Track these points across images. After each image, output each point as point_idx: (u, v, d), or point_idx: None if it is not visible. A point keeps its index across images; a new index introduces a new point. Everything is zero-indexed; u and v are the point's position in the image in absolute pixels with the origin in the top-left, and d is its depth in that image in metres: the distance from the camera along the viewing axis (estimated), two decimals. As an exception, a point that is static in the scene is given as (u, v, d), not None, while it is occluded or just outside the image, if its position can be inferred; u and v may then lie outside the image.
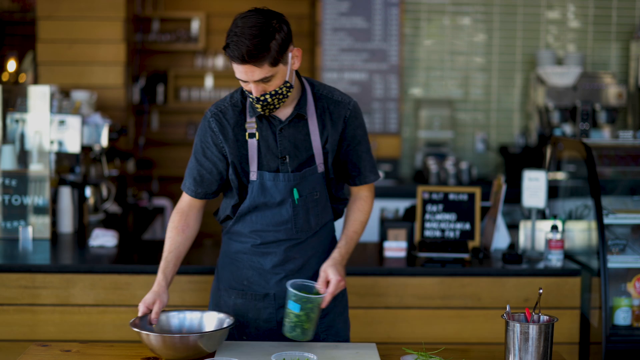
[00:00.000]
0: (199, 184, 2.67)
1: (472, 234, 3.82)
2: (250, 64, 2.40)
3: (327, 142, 2.64)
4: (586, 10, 6.65)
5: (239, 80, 2.49)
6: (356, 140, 2.70)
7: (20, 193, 4.09)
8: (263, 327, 2.71)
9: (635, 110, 6.22)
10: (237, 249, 2.71)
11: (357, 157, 2.72)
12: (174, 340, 2.32)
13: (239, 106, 2.62)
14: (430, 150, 6.45)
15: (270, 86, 2.47)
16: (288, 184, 2.60)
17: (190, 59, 8.01)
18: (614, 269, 3.64)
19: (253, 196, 2.62)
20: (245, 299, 2.71)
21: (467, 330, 3.58)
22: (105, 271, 3.49)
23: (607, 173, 4.03)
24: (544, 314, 2.36)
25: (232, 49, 2.40)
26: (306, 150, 2.62)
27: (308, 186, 2.63)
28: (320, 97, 2.66)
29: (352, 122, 2.68)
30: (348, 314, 2.86)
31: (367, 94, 6.56)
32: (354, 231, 2.74)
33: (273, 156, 2.60)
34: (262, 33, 2.40)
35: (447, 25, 6.66)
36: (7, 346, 3.46)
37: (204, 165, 2.65)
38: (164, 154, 7.93)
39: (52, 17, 5.83)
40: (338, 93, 2.70)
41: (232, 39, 2.40)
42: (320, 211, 2.68)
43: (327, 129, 2.64)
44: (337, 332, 2.77)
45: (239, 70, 2.44)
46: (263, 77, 2.43)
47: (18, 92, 4.18)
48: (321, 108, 2.64)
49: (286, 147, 2.60)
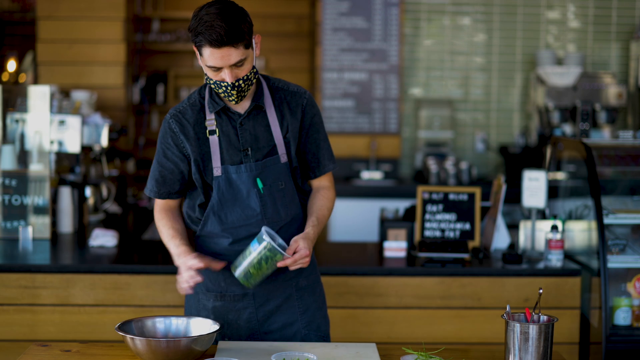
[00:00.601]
0: (160, 184, 2.69)
1: (472, 234, 3.82)
2: (228, 45, 2.43)
3: (287, 132, 2.68)
4: (586, 10, 6.65)
5: (209, 70, 2.51)
6: (314, 128, 2.74)
7: (20, 193, 4.09)
8: (244, 327, 2.71)
9: (635, 110, 6.22)
10: (212, 250, 2.70)
11: (315, 147, 2.74)
12: (159, 344, 2.30)
13: (198, 105, 2.66)
14: (430, 150, 6.45)
15: (242, 71, 2.52)
16: (251, 174, 2.62)
17: (190, 59, 8.01)
18: (614, 269, 3.64)
19: (220, 192, 2.63)
20: (224, 300, 2.71)
21: (467, 330, 3.58)
22: (105, 271, 3.49)
23: (607, 173, 4.03)
24: (544, 314, 2.36)
25: (209, 34, 2.42)
26: (267, 142, 2.65)
27: (271, 176, 2.64)
28: (277, 89, 2.71)
29: (310, 111, 2.73)
30: (327, 310, 2.86)
31: (367, 94, 6.56)
32: (323, 215, 2.74)
33: (235, 150, 2.63)
34: (234, 15, 2.45)
35: (447, 25, 6.66)
36: (7, 346, 3.47)
37: (165, 166, 2.67)
38: (164, 154, 7.92)
39: (52, 17, 5.83)
40: (293, 85, 2.75)
41: (204, 27, 2.43)
42: (288, 202, 2.68)
43: (287, 118, 2.68)
44: (318, 326, 2.78)
45: (214, 57, 2.46)
46: (238, 60, 2.47)
47: (18, 92, 4.18)
48: (278, 99, 2.69)
49: (247, 139, 2.63)
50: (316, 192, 2.81)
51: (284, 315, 2.73)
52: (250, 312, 2.71)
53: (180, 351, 2.31)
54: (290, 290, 2.73)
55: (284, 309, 2.73)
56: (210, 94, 2.65)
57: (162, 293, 3.48)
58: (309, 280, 2.78)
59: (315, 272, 2.82)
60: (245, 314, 2.71)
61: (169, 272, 3.48)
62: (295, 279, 2.74)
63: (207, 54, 2.47)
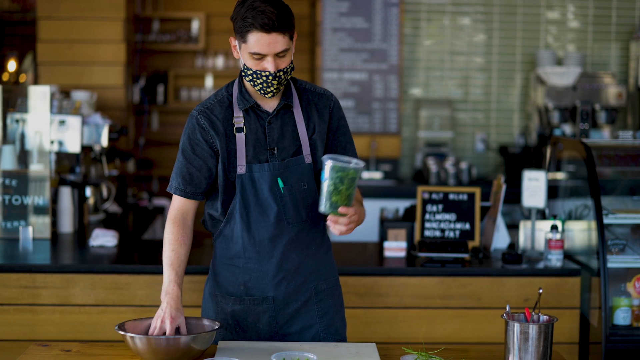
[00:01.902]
0: (188, 182, 2.63)
1: (472, 234, 3.82)
2: (277, 31, 2.45)
3: (314, 133, 2.67)
4: (586, 10, 6.65)
5: (251, 58, 2.50)
6: (341, 130, 2.75)
7: (21, 193, 4.09)
8: (263, 330, 2.69)
9: (635, 110, 6.23)
10: (233, 253, 2.68)
11: (342, 149, 2.74)
12: (159, 342, 2.30)
13: (226, 102, 2.64)
14: (430, 150, 6.45)
15: (284, 62, 2.52)
16: (273, 173, 2.60)
17: (190, 59, 8.01)
18: (613, 269, 3.64)
19: (242, 190, 2.61)
20: (243, 304, 2.68)
21: (467, 330, 3.58)
22: (105, 271, 3.49)
23: (607, 173, 4.03)
24: (543, 314, 2.37)
25: (260, 18, 2.43)
26: (294, 142, 2.64)
27: (294, 176, 2.63)
28: (304, 90, 2.71)
29: (337, 113, 2.74)
30: (344, 312, 2.85)
31: (367, 94, 6.56)
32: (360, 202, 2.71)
33: (262, 149, 2.61)
34: (283, 3, 2.50)
35: (447, 26, 6.67)
36: (7, 346, 3.47)
37: (194, 163, 2.63)
38: (164, 154, 7.93)
39: (52, 17, 5.84)
40: (319, 87, 2.76)
41: (255, 11, 2.44)
42: (310, 203, 2.67)
43: (313, 120, 2.68)
44: (337, 330, 2.77)
45: (261, 42, 2.46)
46: (283, 49, 2.48)
47: (18, 92, 4.18)
48: (306, 100, 2.69)
49: (274, 138, 2.62)
50: None
51: (302, 318, 2.71)
52: (270, 315, 2.68)
53: (181, 349, 2.31)
54: (310, 294, 2.71)
55: (303, 312, 2.70)
56: (239, 91, 2.64)
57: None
58: (328, 283, 2.76)
59: (334, 275, 2.80)
60: (265, 317, 2.68)
61: (169, 272, 3.48)
62: (315, 282, 2.72)
63: (254, 40, 2.47)
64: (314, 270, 2.71)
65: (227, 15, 7.89)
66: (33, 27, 6.14)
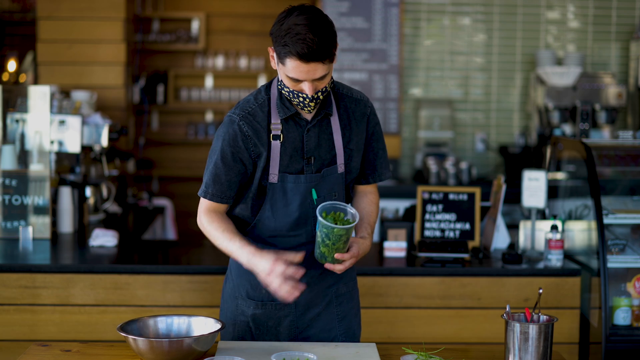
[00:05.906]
0: (226, 188, 2.54)
1: (472, 234, 3.82)
2: (317, 61, 2.33)
3: (350, 142, 2.60)
4: (586, 10, 6.65)
5: (288, 80, 2.40)
6: (375, 136, 2.69)
7: (21, 193, 4.09)
8: (283, 333, 2.67)
9: (635, 110, 6.23)
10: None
11: (373, 155, 2.69)
12: (161, 344, 2.30)
13: (266, 107, 2.53)
14: (430, 150, 6.45)
15: (322, 84, 2.42)
16: (309, 185, 2.54)
17: (190, 59, 8.01)
18: (613, 269, 3.64)
19: (273, 199, 2.54)
20: (265, 309, 2.64)
21: (467, 330, 3.58)
22: (105, 271, 3.49)
23: (607, 173, 4.03)
24: (543, 314, 2.37)
25: (300, 47, 2.30)
26: (329, 150, 2.57)
27: (327, 186, 2.57)
28: (342, 96, 2.62)
29: (373, 119, 2.68)
30: (361, 315, 2.84)
31: (367, 94, 6.55)
32: (374, 222, 2.69)
33: (298, 157, 2.54)
34: (325, 29, 2.33)
35: (447, 26, 6.67)
36: (7, 346, 3.47)
37: (233, 169, 2.52)
38: (164, 154, 7.93)
39: (52, 17, 5.84)
40: (355, 91, 2.67)
41: (294, 38, 2.30)
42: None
43: (349, 128, 2.60)
44: (354, 333, 2.76)
45: (298, 70, 2.35)
46: (323, 75, 2.37)
47: (18, 92, 4.18)
48: (343, 107, 2.60)
49: (312, 147, 2.54)
50: (363, 196, 2.75)
51: (322, 321, 2.69)
52: (291, 320, 2.66)
53: (183, 351, 2.31)
54: (330, 297, 2.69)
55: (323, 316, 2.69)
56: (280, 98, 2.52)
57: (162, 293, 3.49)
58: (348, 286, 2.74)
59: (353, 278, 2.78)
60: (286, 321, 2.66)
61: (169, 272, 3.48)
62: (336, 285, 2.70)
63: (292, 66, 2.35)
64: (335, 273, 2.65)
65: (227, 15, 7.92)
66: (33, 27, 6.14)
